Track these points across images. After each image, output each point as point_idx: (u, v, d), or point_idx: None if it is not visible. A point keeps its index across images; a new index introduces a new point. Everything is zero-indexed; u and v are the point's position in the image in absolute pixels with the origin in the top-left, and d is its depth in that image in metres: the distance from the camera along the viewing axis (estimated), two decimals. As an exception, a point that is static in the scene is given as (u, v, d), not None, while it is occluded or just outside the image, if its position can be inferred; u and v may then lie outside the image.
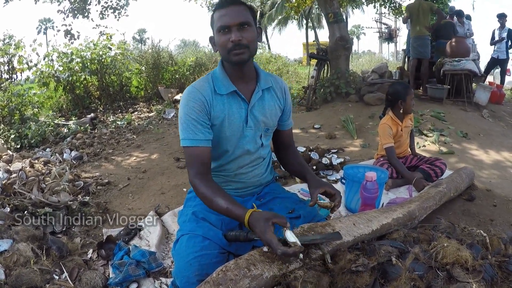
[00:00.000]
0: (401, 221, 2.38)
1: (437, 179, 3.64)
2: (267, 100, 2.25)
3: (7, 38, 10.02)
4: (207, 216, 2.13)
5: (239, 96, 2.15)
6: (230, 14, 2.00)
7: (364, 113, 6.77)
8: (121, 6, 10.43)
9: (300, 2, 11.84)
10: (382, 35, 29.96)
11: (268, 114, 2.25)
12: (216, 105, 2.11)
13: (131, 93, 12.33)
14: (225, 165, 2.28)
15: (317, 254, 1.83)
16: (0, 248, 2.45)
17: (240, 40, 1.97)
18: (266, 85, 2.24)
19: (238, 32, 1.98)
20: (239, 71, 2.14)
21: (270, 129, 2.31)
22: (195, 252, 1.89)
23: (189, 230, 2.03)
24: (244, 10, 2.03)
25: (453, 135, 5.65)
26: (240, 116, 2.16)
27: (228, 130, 2.15)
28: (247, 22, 2.01)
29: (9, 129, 7.46)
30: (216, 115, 2.11)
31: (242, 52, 2.00)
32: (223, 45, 2.02)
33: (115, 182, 4.38)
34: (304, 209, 2.28)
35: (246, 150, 2.25)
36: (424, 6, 8.04)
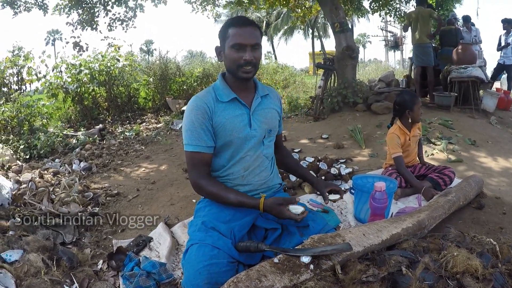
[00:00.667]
0: (410, 230, 2.38)
1: (446, 187, 3.61)
2: (266, 105, 2.46)
3: (16, 49, 10.11)
4: (217, 226, 2.16)
5: (240, 102, 2.32)
6: (246, 34, 2.20)
7: (372, 122, 6.75)
8: (129, 18, 10.48)
9: (305, 12, 11.91)
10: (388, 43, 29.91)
11: (269, 117, 2.45)
12: (218, 111, 2.28)
13: (139, 104, 12.40)
14: (232, 167, 2.37)
15: (327, 264, 1.84)
16: (11, 259, 2.46)
17: (251, 60, 2.20)
18: (263, 93, 2.47)
19: (251, 52, 2.21)
20: (242, 83, 2.36)
21: (272, 130, 2.49)
22: (204, 261, 1.91)
23: (199, 240, 2.06)
24: (257, 32, 2.26)
25: (461, 142, 5.61)
26: (242, 121, 2.32)
27: (232, 133, 2.29)
28: (259, 43, 2.26)
29: (19, 139, 7.50)
30: (219, 120, 2.27)
31: (250, 70, 2.24)
32: (235, 61, 2.21)
33: (124, 193, 4.39)
34: (312, 219, 2.31)
35: (251, 152, 2.36)
36: (423, 14, 8.03)
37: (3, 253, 2.50)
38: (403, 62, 32.55)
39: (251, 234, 2.28)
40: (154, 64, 13.15)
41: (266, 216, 2.31)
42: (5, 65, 9.88)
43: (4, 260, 2.44)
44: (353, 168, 4.52)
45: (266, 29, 46.22)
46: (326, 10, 8.46)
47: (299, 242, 2.10)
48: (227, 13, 43.75)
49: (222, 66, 14.26)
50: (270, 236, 2.27)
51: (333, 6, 8.23)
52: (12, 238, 2.74)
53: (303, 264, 1.80)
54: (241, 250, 2.02)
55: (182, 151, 6.25)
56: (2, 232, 2.85)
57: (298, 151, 5.41)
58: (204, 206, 2.40)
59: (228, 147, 2.33)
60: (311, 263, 1.81)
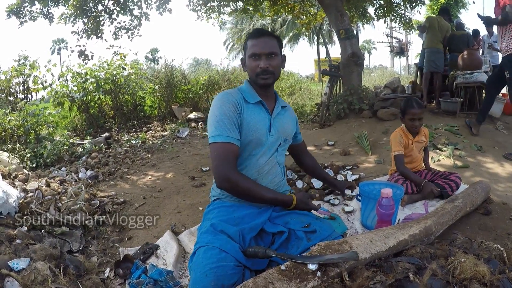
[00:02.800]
0: (417, 237, 2.37)
1: (452, 193, 3.61)
2: (284, 116, 2.63)
3: (22, 58, 10.18)
4: (226, 229, 2.17)
5: (264, 106, 2.48)
6: (260, 45, 2.40)
7: (378, 128, 6.75)
8: (134, 27, 10.53)
9: (310, 19, 11.95)
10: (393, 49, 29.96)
11: (286, 127, 2.61)
12: (245, 110, 2.39)
13: (145, 112, 12.41)
14: (245, 169, 2.42)
15: (334, 272, 1.83)
16: (18, 267, 2.46)
17: (267, 68, 2.38)
18: (283, 104, 2.66)
19: (266, 60, 2.39)
20: (263, 91, 2.52)
21: (287, 140, 2.66)
22: (211, 263, 1.92)
23: (207, 242, 2.07)
24: (273, 41, 2.44)
25: (467, 148, 5.60)
26: (264, 124, 2.44)
27: (254, 134, 2.39)
28: (275, 52, 2.42)
29: (25, 148, 7.54)
30: (246, 118, 2.37)
31: (268, 77, 2.42)
32: (253, 69, 2.43)
33: (131, 201, 4.40)
34: (320, 225, 2.32)
35: (265, 156, 2.45)
36: (442, 23, 8.08)
37: (10, 261, 2.50)
38: (408, 68, 32.58)
39: (258, 239, 2.29)
40: (160, 72, 13.19)
41: (274, 221, 2.36)
42: (11, 74, 9.94)
43: (11, 268, 2.44)
44: (359, 174, 4.51)
45: (271, 36, 46.30)
46: (331, 17, 8.47)
47: (306, 247, 2.13)
48: (232, 21, 44.05)
49: (228, 74, 14.31)
50: (277, 240, 2.27)
51: (338, 13, 8.25)
52: (19, 247, 2.74)
53: (310, 271, 1.80)
54: (250, 255, 2.03)
55: (188, 159, 6.28)
56: (9, 240, 2.85)
57: (304, 158, 5.39)
58: (214, 209, 2.43)
59: (246, 147, 2.41)
60: (318, 270, 1.80)
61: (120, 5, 9.93)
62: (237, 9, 11.24)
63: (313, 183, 4.12)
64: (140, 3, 10.15)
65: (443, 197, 3.63)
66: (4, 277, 2.31)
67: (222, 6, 11.14)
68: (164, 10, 10.32)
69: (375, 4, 11.40)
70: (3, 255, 2.59)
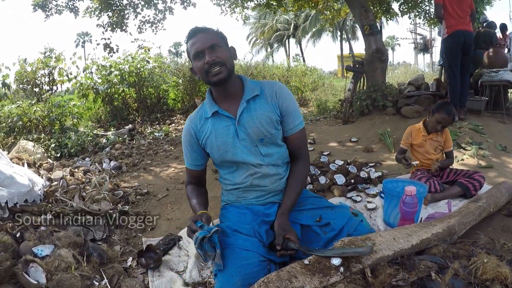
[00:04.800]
0: (440, 236, 2.36)
1: (476, 193, 3.56)
2: (255, 110, 2.31)
3: (48, 51, 10.30)
4: (240, 228, 2.20)
5: (223, 114, 2.29)
6: (199, 40, 2.20)
7: (402, 126, 6.65)
8: (158, 20, 10.60)
9: (334, 14, 11.87)
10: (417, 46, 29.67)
11: (257, 124, 2.29)
12: (204, 129, 2.36)
13: (168, 105, 12.53)
14: (238, 177, 2.40)
15: (357, 267, 1.83)
16: (42, 253, 2.51)
17: (214, 60, 2.13)
18: (251, 95, 2.32)
19: (210, 53, 2.16)
20: (223, 90, 2.30)
21: (265, 138, 2.32)
22: (235, 263, 1.93)
23: (226, 244, 2.07)
24: (212, 35, 2.24)
25: (491, 148, 5.50)
26: (228, 133, 2.30)
27: (221, 148, 2.31)
28: (216, 43, 2.22)
29: (50, 138, 7.62)
30: (206, 137, 2.35)
31: (219, 71, 2.18)
32: (201, 69, 2.21)
33: (154, 192, 4.43)
34: (333, 216, 2.31)
35: (249, 162, 2.33)
36: None
37: (34, 247, 2.54)
38: (432, 65, 32.14)
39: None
40: (183, 65, 13.24)
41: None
42: (37, 66, 10.07)
43: (35, 254, 2.49)
44: (382, 172, 4.48)
45: (294, 31, 46.33)
46: (356, 12, 8.40)
47: (326, 241, 2.16)
48: (256, 15, 44.05)
49: (251, 69, 14.33)
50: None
51: (363, 8, 8.17)
52: (43, 234, 2.79)
53: (333, 267, 1.80)
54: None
55: (210, 152, 6.28)
56: (34, 227, 2.90)
57: (327, 154, 5.38)
58: (225, 212, 2.48)
59: (224, 160, 2.37)
60: (341, 265, 1.80)
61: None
62: (261, 3, 11.22)
63: (336, 179, 4.10)
64: (165, -3, 10.21)
65: (466, 197, 3.59)
66: (29, 263, 2.35)
67: (246, 1, 11.14)
68: (189, 4, 10.37)
69: (399, 0, 11.28)
70: (28, 241, 2.64)
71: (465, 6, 6.39)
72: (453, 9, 6.38)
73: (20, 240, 2.69)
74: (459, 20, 6.38)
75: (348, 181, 4.11)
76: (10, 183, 3.14)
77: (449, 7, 6.40)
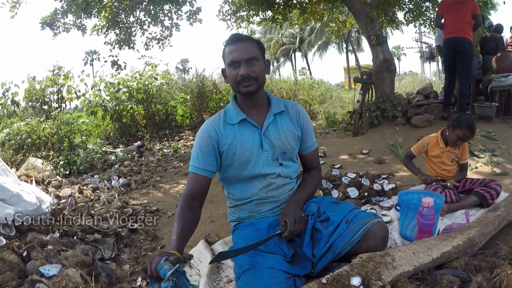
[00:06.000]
0: (461, 248, 2.28)
1: (492, 201, 3.46)
2: (281, 124, 2.37)
3: (56, 69, 10.43)
4: (261, 246, 2.13)
5: (250, 123, 2.29)
6: (239, 50, 2.19)
7: (412, 136, 6.59)
8: (165, 37, 10.62)
9: (340, 26, 11.88)
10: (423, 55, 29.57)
11: (283, 137, 2.36)
12: (227, 135, 2.29)
13: (177, 121, 12.56)
14: (252, 188, 2.37)
15: (377, 285, 1.76)
16: (49, 273, 2.47)
17: (248, 74, 2.14)
18: (278, 110, 2.38)
19: (246, 66, 2.15)
20: (250, 100, 2.32)
21: (287, 152, 2.40)
22: (264, 283, 1.89)
23: (250, 265, 2.03)
24: (252, 46, 2.22)
25: (505, 154, 5.40)
26: (254, 142, 2.29)
27: (243, 156, 2.28)
28: (255, 57, 2.22)
29: (58, 155, 7.67)
30: (229, 143, 2.28)
31: (250, 84, 2.20)
32: (233, 78, 2.22)
33: (163, 210, 4.39)
34: (334, 210, 2.31)
35: (267, 173, 2.33)
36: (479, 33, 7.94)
37: (41, 267, 2.50)
38: (439, 74, 32.05)
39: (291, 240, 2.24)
40: (191, 82, 13.31)
41: None
42: (45, 84, 10.18)
43: (42, 274, 2.45)
44: (395, 183, 4.40)
45: (300, 45, 46.52)
46: (361, 23, 8.38)
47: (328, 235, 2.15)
48: (261, 30, 44.29)
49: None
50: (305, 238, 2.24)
51: (368, 18, 8.15)
52: (51, 253, 2.74)
53: (353, 286, 1.73)
54: None
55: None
56: (41, 246, 2.85)
57: (338, 167, 5.32)
58: (239, 232, 2.43)
59: (243, 168, 2.33)
60: (361, 284, 1.73)
61: (152, 16, 10.02)
62: (266, 18, 11.24)
63: (349, 192, 4.04)
64: (171, 14, 10.23)
65: (483, 206, 3.50)
66: (35, 283, 2.32)
67: (252, 16, 11.15)
68: (195, 20, 10.37)
69: (404, 9, 11.28)
70: (35, 260, 2.60)
71: (463, 14, 6.52)
72: (450, 18, 6.67)
73: (26, 259, 2.66)
74: (454, 28, 6.60)
75: (361, 194, 4.04)
76: (17, 201, 3.11)
77: (445, 16, 6.76)
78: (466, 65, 6.81)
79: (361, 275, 1.77)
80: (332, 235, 2.14)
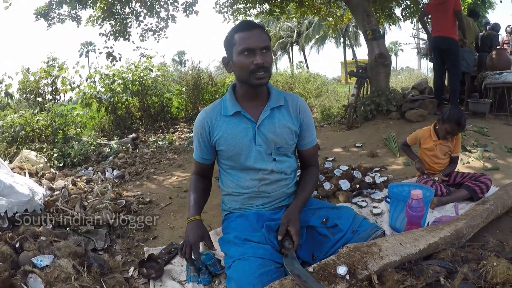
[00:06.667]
0: (448, 240, 2.31)
1: (482, 195, 3.50)
2: (278, 119, 2.30)
3: (51, 60, 10.36)
4: (250, 236, 2.16)
5: (245, 116, 2.24)
6: (255, 37, 2.08)
7: (406, 130, 6.62)
8: (161, 29, 10.58)
9: (337, 20, 11.89)
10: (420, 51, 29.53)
11: (279, 133, 2.30)
12: (220, 126, 2.27)
13: (172, 113, 12.54)
14: (244, 181, 2.35)
15: (363, 274, 1.79)
16: (42, 264, 2.47)
17: (263, 64, 2.05)
18: (276, 104, 2.30)
19: (262, 55, 2.06)
20: (252, 92, 2.26)
21: (281, 148, 2.34)
22: (254, 272, 1.90)
23: (240, 254, 2.04)
24: (265, 35, 2.14)
25: (497, 150, 5.44)
26: (246, 135, 2.25)
27: (234, 149, 2.26)
28: (269, 46, 2.12)
29: (52, 148, 7.66)
30: (220, 135, 2.27)
31: (264, 76, 2.11)
32: (246, 67, 2.10)
33: (156, 201, 4.41)
34: (338, 216, 2.30)
35: (259, 168, 2.30)
36: (474, 25, 7.95)
37: (34, 258, 2.51)
38: (435, 70, 32.09)
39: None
40: (187, 74, 13.28)
41: None
42: (40, 75, 10.13)
43: (35, 265, 2.45)
44: (387, 176, 4.43)
45: (298, 38, 46.47)
46: (358, 17, 8.39)
47: (334, 242, 2.15)
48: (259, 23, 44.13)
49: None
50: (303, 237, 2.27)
51: (365, 13, 8.16)
52: (43, 244, 2.75)
53: (339, 275, 1.75)
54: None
55: (214, 159, 6.28)
56: (34, 237, 2.86)
57: (331, 160, 5.35)
58: (228, 223, 2.43)
59: (235, 161, 2.33)
60: (347, 273, 1.76)
61: (147, 7, 9.99)
62: (263, 11, 11.23)
63: (341, 184, 4.07)
64: (167, 6, 10.19)
65: (473, 200, 3.54)
66: (28, 273, 2.32)
67: (249, 8, 11.13)
68: (191, 12, 10.35)
69: (401, 5, 11.29)
70: (28, 251, 2.61)
71: (446, 13, 6.74)
72: (434, 16, 7.09)
73: (19, 250, 2.66)
74: (438, 27, 6.94)
75: (353, 187, 4.07)
76: (9, 192, 3.12)
77: (431, 15, 7.20)
78: (452, 63, 7.03)
79: (348, 264, 1.80)
80: (338, 242, 2.16)
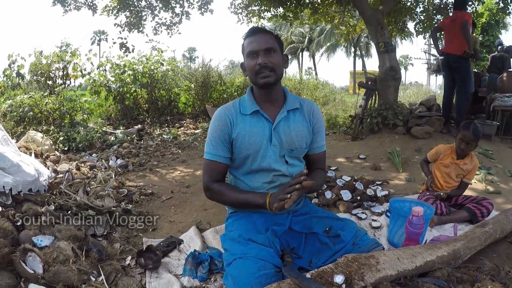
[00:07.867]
0: (445, 259, 2.31)
1: (483, 219, 3.50)
2: (293, 121, 2.38)
3: (64, 45, 10.39)
4: (253, 237, 2.18)
5: (263, 115, 2.31)
6: (257, 41, 2.25)
7: (411, 146, 6.62)
8: (174, 24, 10.63)
9: (349, 29, 11.89)
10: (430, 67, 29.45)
11: (293, 135, 2.37)
12: (239, 123, 2.31)
13: (179, 108, 12.61)
14: (254, 181, 2.39)
15: (360, 285, 1.80)
16: (41, 244, 2.49)
17: (266, 63, 2.21)
18: (292, 106, 2.39)
19: (264, 56, 2.22)
20: (267, 94, 2.34)
21: (295, 150, 2.40)
22: (254, 273, 1.92)
23: (242, 253, 2.06)
24: (271, 38, 2.27)
25: (500, 174, 5.43)
26: (263, 135, 2.31)
27: (251, 147, 2.30)
28: (273, 48, 2.26)
29: (59, 131, 7.70)
30: (238, 132, 2.30)
31: (268, 75, 2.23)
32: (252, 69, 2.26)
33: (158, 194, 4.43)
34: (341, 227, 2.33)
35: (272, 169, 2.35)
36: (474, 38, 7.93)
37: (34, 237, 2.53)
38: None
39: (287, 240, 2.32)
40: (197, 71, 13.30)
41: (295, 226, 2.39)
42: (52, 59, 10.16)
43: (34, 244, 2.47)
44: (389, 191, 4.43)
45: (308, 44, 46.46)
46: (372, 29, 8.38)
47: (334, 252, 2.17)
48: (271, 27, 44.21)
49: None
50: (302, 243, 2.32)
51: (379, 25, 8.15)
52: (44, 224, 2.78)
53: (336, 284, 1.77)
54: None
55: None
56: (36, 217, 2.88)
57: (334, 169, 5.35)
58: (233, 221, 2.45)
59: (248, 160, 2.36)
60: (344, 283, 1.77)
61: (163, 1, 10.04)
62: (277, 15, 11.23)
63: (342, 194, 4.07)
64: (183, 2, 10.24)
65: (472, 222, 3.54)
66: (27, 252, 2.34)
67: (263, 11, 11.12)
68: (206, 10, 10.39)
69: (415, 19, 11.27)
70: (29, 230, 2.62)
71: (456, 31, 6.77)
72: (446, 34, 7.15)
73: (20, 228, 2.67)
74: (449, 44, 6.99)
75: (354, 198, 4.08)
76: (16, 170, 3.13)
77: (444, 32, 7.27)
78: (460, 80, 7.02)
79: (345, 274, 1.81)
80: (338, 252, 2.18)
